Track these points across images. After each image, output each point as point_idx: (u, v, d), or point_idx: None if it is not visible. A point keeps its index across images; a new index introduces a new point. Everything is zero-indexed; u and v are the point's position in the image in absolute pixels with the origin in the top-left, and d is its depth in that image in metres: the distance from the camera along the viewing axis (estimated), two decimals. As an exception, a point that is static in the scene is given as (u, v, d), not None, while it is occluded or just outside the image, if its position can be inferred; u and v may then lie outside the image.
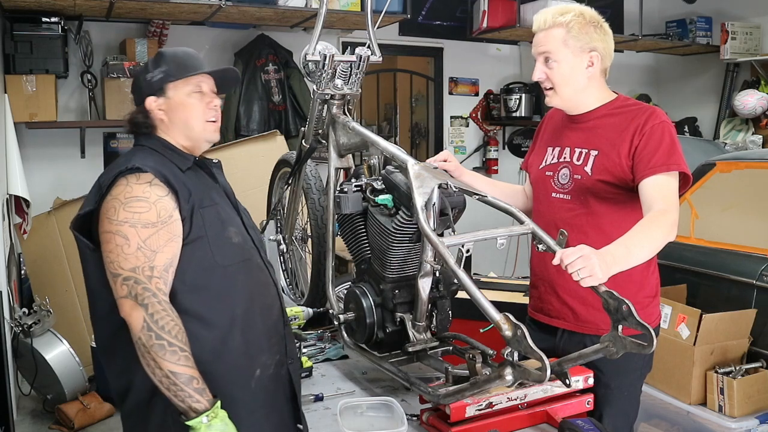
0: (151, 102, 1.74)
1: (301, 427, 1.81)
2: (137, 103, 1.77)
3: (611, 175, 1.96)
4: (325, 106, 2.26)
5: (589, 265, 1.59)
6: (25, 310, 3.60)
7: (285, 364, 1.81)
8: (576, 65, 1.97)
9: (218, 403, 1.53)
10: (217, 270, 1.66)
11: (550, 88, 2.01)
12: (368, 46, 2.24)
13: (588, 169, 1.99)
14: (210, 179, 1.79)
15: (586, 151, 2.01)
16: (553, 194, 2.07)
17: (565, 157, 2.06)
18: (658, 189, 1.86)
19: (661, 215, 1.79)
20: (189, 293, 1.62)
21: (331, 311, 2.22)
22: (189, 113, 1.75)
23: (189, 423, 1.49)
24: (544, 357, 1.45)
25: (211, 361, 1.61)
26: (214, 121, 1.79)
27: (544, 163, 2.13)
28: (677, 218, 1.83)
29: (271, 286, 1.81)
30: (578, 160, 2.02)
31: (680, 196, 1.92)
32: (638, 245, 1.73)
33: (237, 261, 1.70)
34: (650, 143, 1.91)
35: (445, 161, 2.13)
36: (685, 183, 1.94)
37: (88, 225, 1.64)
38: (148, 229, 1.57)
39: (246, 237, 1.77)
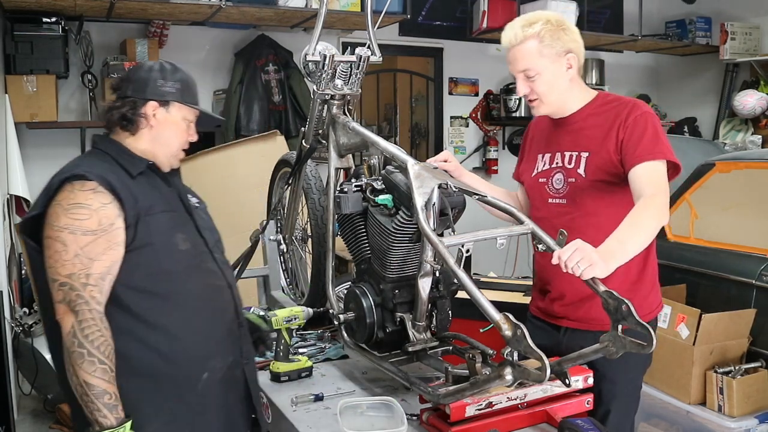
0: (153, 107, 1.76)
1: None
2: (128, 96, 1.76)
3: (605, 173, 1.98)
4: (325, 106, 2.27)
5: (587, 256, 1.61)
6: (26, 309, 3.61)
7: (240, 365, 1.84)
8: (556, 71, 1.98)
9: (128, 424, 1.55)
10: (164, 276, 1.69)
11: (536, 99, 2.03)
12: (368, 47, 2.25)
13: (581, 171, 2.01)
14: (163, 183, 1.80)
15: (577, 153, 2.03)
16: (550, 200, 2.09)
17: (557, 162, 2.08)
18: (646, 175, 1.88)
19: (649, 201, 1.81)
20: (134, 298, 1.65)
21: (331, 311, 2.22)
22: (175, 135, 1.81)
23: None
24: (544, 357, 1.46)
25: (156, 364, 1.64)
26: (184, 151, 1.86)
27: (536, 171, 2.15)
28: (667, 201, 1.84)
29: (225, 289, 1.83)
30: (569, 163, 2.04)
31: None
32: (631, 236, 1.74)
33: (185, 267, 1.73)
34: (634, 134, 1.93)
35: (445, 161, 2.13)
36: (675, 171, 1.95)
37: (37, 227, 1.64)
38: (88, 236, 1.58)
39: (197, 241, 1.79)
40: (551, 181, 2.09)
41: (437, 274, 1.94)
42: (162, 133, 1.78)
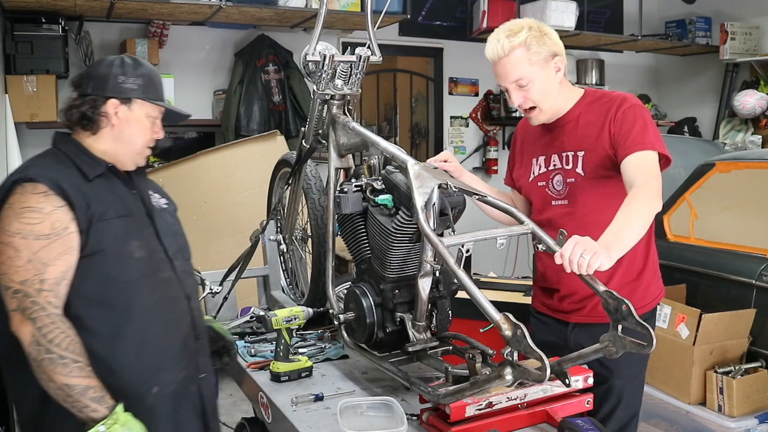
0: (114, 105, 1.70)
1: None
2: (88, 93, 1.70)
3: (604, 168, 1.99)
4: (325, 106, 2.27)
5: (589, 247, 1.60)
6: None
7: (195, 380, 1.78)
8: (547, 77, 1.99)
9: (119, 407, 1.52)
10: (115, 285, 1.62)
11: (532, 108, 2.03)
12: (368, 47, 2.25)
13: (580, 170, 2.02)
14: (123, 186, 1.74)
15: (573, 153, 2.04)
16: (553, 202, 2.10)
17: (554, 164, 2.09)
18: (637, 165, 1.89)
19: (640, 190, 1.81)
20: (83, 306, 1.59)
21: (331, 311, 2.22)
22: (139, 133, 1.74)
23: None
24: (544, 357, 1.46)
25: (102, 375, 1.57)
26: (151, 148, 1.79)
27: (532, 175, 2.15)
28: (659, 187, 1.84)
29: (181, 300, 1.77)
30: (567, 164, 2.05)
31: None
32: (626, 227, 1.72)
33: (138, 276, 1.66)
34: (623, 126, 1.95)
35: (445, 161, 2.14)
36: (666, 163, 1.95)
37: None
38: (41, 241, 1.53)
39: (155, 249, 1.72)
40: (551, 184, 2.09)
41: (437, 274, 1.93)
42: (124, 132, 1.71)
